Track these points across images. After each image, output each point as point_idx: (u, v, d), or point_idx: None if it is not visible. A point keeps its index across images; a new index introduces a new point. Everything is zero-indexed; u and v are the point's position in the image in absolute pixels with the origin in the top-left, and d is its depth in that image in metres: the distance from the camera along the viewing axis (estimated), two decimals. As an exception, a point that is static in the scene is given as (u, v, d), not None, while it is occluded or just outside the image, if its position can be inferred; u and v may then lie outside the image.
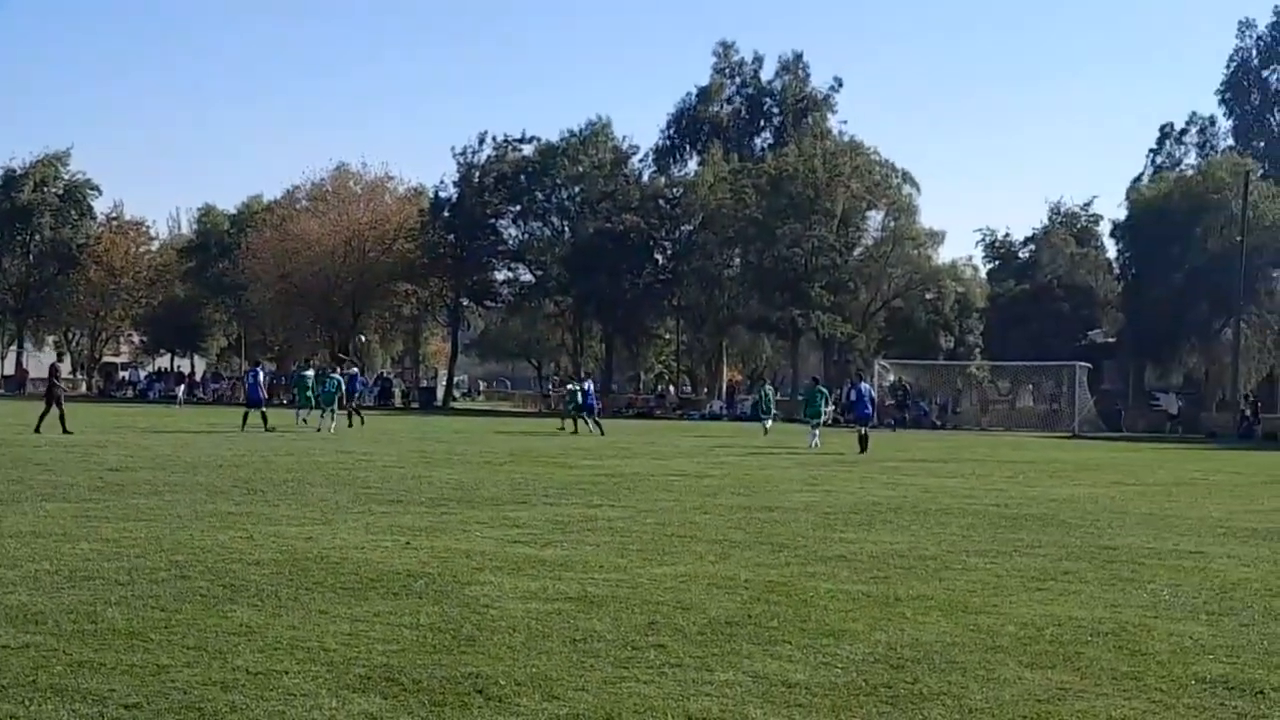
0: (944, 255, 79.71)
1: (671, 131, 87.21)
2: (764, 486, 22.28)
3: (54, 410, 34.10)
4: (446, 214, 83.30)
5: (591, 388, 43.95)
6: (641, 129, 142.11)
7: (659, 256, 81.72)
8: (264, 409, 39.62)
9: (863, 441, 34.09)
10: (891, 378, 64.90)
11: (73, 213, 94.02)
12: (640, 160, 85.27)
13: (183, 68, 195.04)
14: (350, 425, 42.28)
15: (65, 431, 32.71)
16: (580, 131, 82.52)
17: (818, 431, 37.92)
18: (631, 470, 25.37)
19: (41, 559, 11.45)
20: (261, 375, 42.99)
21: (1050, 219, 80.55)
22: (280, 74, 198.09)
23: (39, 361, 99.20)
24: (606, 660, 8.03)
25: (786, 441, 40.68)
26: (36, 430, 32.75)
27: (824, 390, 39.96)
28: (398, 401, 79.88)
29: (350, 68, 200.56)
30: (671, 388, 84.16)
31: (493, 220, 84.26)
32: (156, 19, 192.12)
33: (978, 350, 74.05)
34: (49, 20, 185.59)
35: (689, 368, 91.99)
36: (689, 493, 20.41)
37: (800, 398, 50.08)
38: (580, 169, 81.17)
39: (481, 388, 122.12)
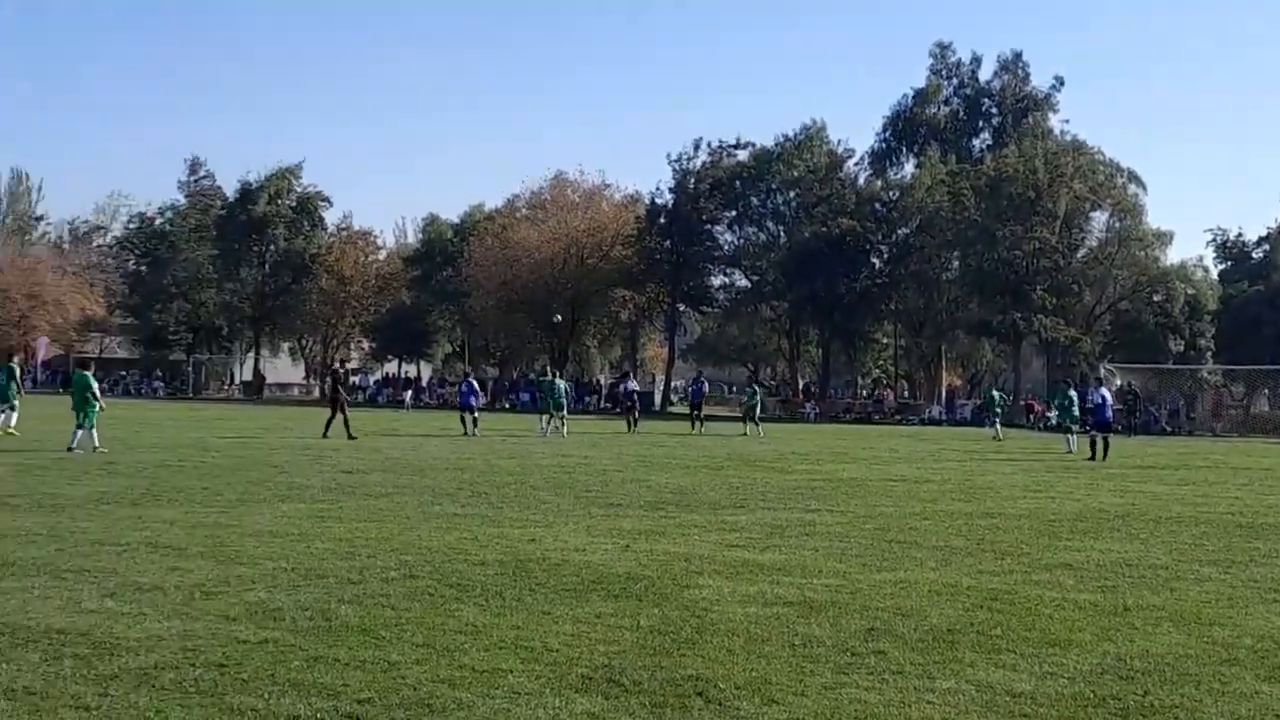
0: (1172, 256, 77.14)
1: (888, 134, 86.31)
2: (985, 492, 21.89)
3: (339, 415, 34.45)
4: (663, 220, 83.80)
5: (473, 384, 42.94)
6: (857, 132, 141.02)
7: (876, 260, 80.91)
8: (474, 414, 40.13)
9: (1094, 447, 33.17)
10: (1118, 382, 62.98)
11: (305, 224, 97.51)
12: (856, 164, 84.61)
13: (412, 80, 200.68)
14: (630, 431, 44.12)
15: (350, 437, 33.11)
16: (795, 136, 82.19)
17: (1073, 437, 37.04)
18: (850, 475, 25.19)
19: (279, 558, 11.90)
20: (475, 384, 43.46)
21: (1287, 217, 77.37)
22: (501, 83, 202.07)
23: (275, 368, 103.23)
24: (826, 665, 8.01)
25: (1008, 447, 39.91)
26: (335, 434, 33.51)
27: (1074, 395, 38.67)
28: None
29: (568, 75, 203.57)
30: (889, 392, 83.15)
31: (708, 226, 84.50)
32: (388, 35, 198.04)
33: (1209, 354, 71.45)
34: (285, 40, 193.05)
35: (907, 372, 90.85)
36: (908, 498, 20.18)
37: (1053, 401, 48.19)
38: (795, 173, 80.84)
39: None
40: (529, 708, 6.90)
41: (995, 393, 53.56)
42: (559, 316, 74.69)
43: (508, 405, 79.30)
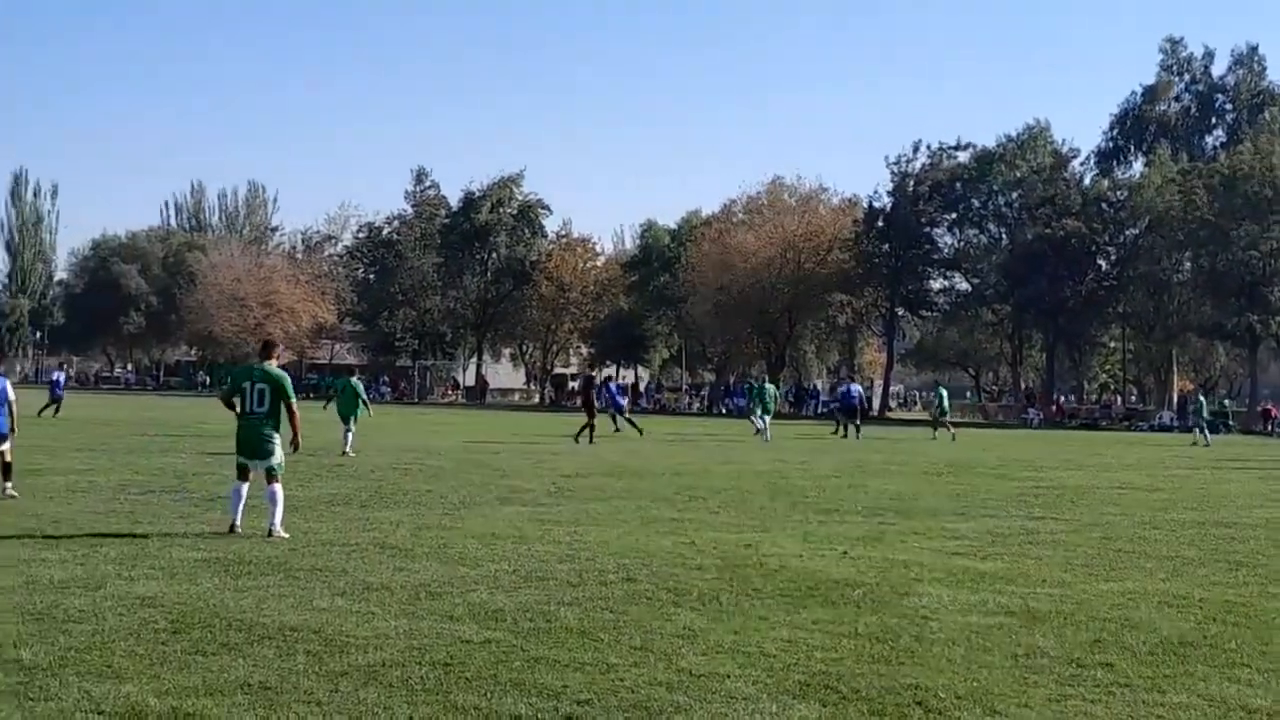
0: None
1: (1115, 132, 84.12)
2: (1220, 501, 21.12)
3: (593, 420, 34.87)
4: (881, 223, 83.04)
5: (615, 387, 45.11)
6: (1083, 131, 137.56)
7: (1102, 262, 78.96)
8: (625, 416, 42.01)
9: None
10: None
11: (526, 231, 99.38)
12: (1081, 163, 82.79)
13: (624, 89, 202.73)
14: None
15: (590, 441, 33.72)
16: (1018, 135, 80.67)
17: None
18: (1075, 482, 24.56)
19: (500, 559, 12.13)
20: (614, 385, 45.81)
21: None
22: (714, 91, 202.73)
23: (496, 373, 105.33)
24: (1050, 677, 7.82)
25: (1246, 454, 38.45)
26: (576, 440, 34.09)
27: None
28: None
29: (779, 81, 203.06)
30: (1117, 398, 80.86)
31: (927, 228, 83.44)
32: (607, 46, 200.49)
33: None
34: (508, 51, 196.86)
35: (1136, 377, 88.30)
36: (1137, 506, 19.58)
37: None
38: (1018, 174, 79.34)
39: (918, 398, 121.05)
40: (746, 713, 6.89)
41: (1201, 398, 52.22)
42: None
43: (724, 410, 79.44)
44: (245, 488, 13.76)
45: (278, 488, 13.65)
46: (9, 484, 16.83)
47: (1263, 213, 67.98)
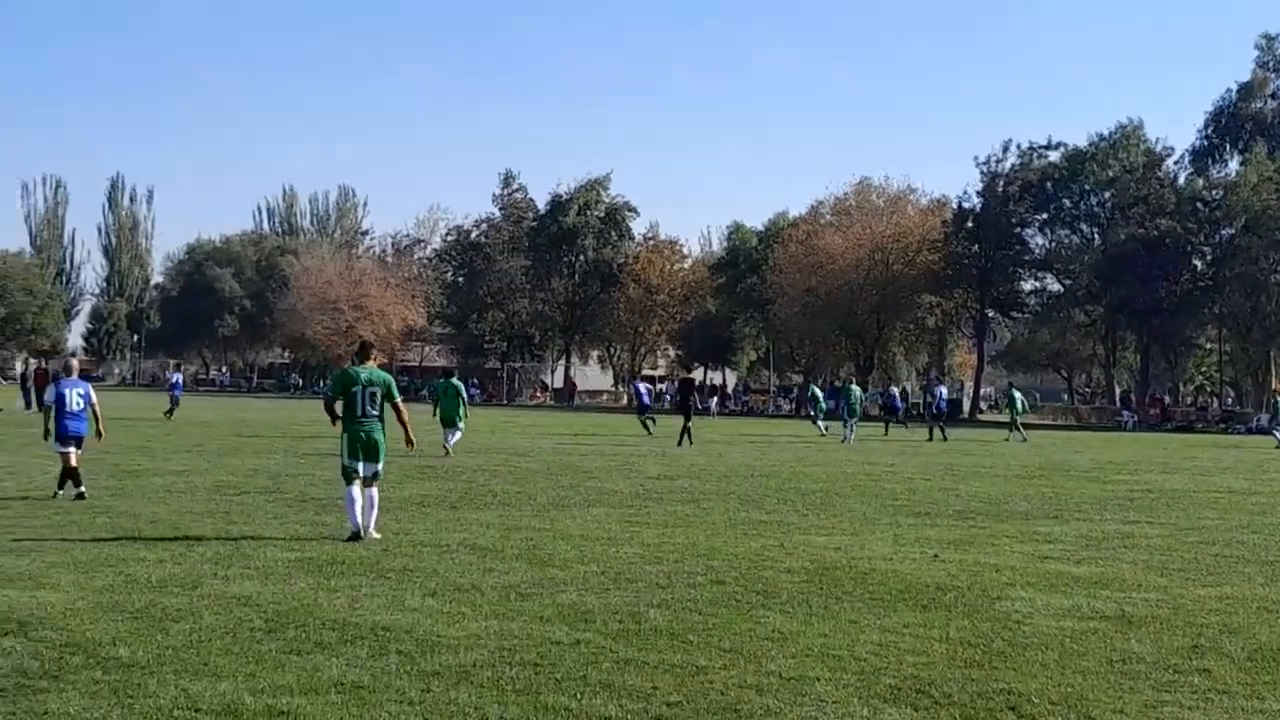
0: None
1: (1209, 131, 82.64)
2: (1320, 506, 20.68)
3: (690, 422, 34.99)
4: (970, 224, 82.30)
5: (645, 388, 46.30)
6: (1177, 130, 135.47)
7: (1197, 262, 77.65)
8: (646, 417, 42.15)
9: None
10: None
11: (613, 234, 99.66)
12: (1175, 162, 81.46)
13: (710, 91, 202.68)
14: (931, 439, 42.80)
15: (678, 444, 33.83)
16: (1110, 135, 79.60)
17: None
18: (1171, 486, 24.17)
19: (589, 561, 12.16)
20: (644, 386, 47.17)
21: None
22: (801, 92, 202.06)
23: (584, 375, 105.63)
24: (1146, 683, 7.71)
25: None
26: (679, 444, 34.04)
27: None
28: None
29: (867, 80, 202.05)
30: (1214, 400, 79.45)
31: (1018, 229, 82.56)
32: (689, 45, 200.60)
33: None
34: (595, 57, 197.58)
35: (1233, 379, 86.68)
36: (1235, 510, 19.23)
37: None
38: (1110, 174, 78.26)
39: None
40: (836, 717, 6.86)
41: (1278, 399, 51.31)
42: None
43: (810, 413, 79.05)
44: (358, 490, 13.66)
45: (375, 491, 13.74)
46: (69, 488, 17.00)
47: (1362, 211, 66.60)
